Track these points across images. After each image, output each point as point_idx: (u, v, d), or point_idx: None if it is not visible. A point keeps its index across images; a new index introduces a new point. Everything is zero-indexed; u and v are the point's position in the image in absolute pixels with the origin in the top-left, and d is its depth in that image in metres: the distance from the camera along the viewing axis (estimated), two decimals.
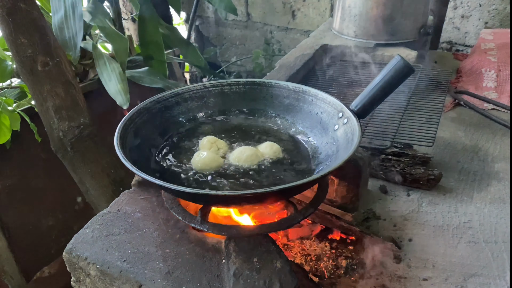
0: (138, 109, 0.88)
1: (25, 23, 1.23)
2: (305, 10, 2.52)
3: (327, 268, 0.86)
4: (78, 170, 1.40)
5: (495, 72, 1.49)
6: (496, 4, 2.01)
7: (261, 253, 0.72)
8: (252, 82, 1.00)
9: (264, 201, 0.76)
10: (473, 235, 0.92)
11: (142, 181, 0.96)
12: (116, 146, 0.74)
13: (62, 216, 1.66)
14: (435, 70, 1.50)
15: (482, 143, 1.23)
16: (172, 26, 2.07)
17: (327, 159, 0.84)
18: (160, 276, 0.74)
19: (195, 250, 0.79)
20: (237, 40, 2.85)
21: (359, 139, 0.76)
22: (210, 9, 2.81)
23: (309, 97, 0.95)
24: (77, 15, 1.39)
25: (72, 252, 0.81)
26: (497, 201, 1.01)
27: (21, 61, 1.26)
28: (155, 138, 0.90)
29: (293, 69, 1.44)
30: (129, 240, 0.82)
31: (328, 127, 0.89)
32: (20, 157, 1.52)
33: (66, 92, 1.32)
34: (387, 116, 1.23)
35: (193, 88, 0.99)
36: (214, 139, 0.89)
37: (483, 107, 1.38)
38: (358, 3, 1.54)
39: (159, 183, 0.68)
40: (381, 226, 0.96)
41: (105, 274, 0.77)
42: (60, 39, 1.37)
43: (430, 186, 1.05)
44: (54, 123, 1.32)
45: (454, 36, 2.18)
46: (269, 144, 0.88)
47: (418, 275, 0.83)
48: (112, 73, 1.44)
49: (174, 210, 0.80)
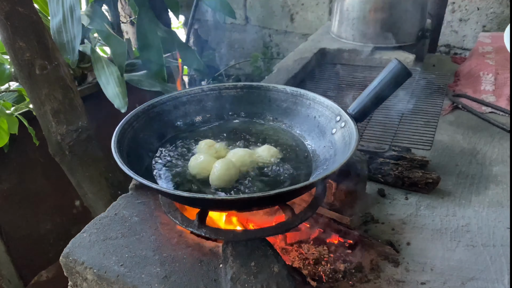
0: (135, 113, 0.87)
1: (23, 26, 1.23)
2: (304, 13, 2.52)
3: (325, 272, 0.86)
4: (76, 173, 1.39)
5: (493, 75, 1.49)
6: (494, 8, 2.01)
7: (259, 257, 0.72)
8: (250, 85, 1.01)
9: (261, 205, 0.76)
10: (471, 239, 0.92)
11: (139, 185, 0.96)
12: (114, 150, 0.74)
13: (60, 220, 1.66)
14: (433, 73, 1.51)
15: (480, 146, 1.23)
16: (171, 30, 2.07)
17: (325, 163, 0.84)
18: (157, 280, 0.74)
19: (192, 255, 0.79)
20: (235, 44, 2.86)
21: (357, 142, 0.76)
22: (209, 13, 2.81)
23: (307, 101, 0.95)
24: (75, 19, 1.39)
25: (69, 257, 0.80)
26: (495, 204, 1.01)
27: (19, 64, 1.26)
28: (152, 142, 0.90)
29: (292, 73, 1.44)
30: (126, 244, 0.82)
31: (325, 130, 0.89)
32: (18, 161, 1.52)
33: (64, 95, 1.32)
34: (385, 119, 1.23)
35: (191, 91, 0.99)
36: (212, 143, 0.88)
37: (481, 110, 1.39)
38: (356, 7, 1.55)
39: (156, 188, 0.68)
40: (379, 230, 0.96)
41: (102, 279, 0.77)
42: (58, 43, 1.37)
43: (428, 189, 1.05)
44: (52, 127, 1.32)
45: (452, 40, 2.18)
46: (266, 147, 0.87)
47: (416, 279, 0.82)
48: (110, 76, 1.44)
49: (171, 214, 0.80)
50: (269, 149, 0.87)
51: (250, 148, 0.89)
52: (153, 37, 1.70)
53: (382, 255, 0.87)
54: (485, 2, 2.02)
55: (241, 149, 0.86)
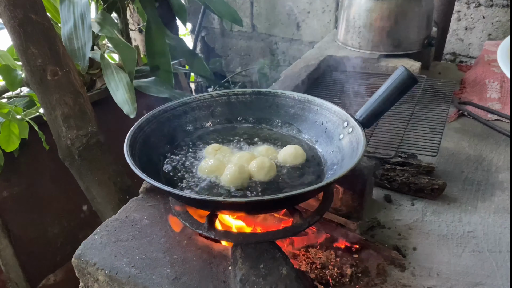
0: (147, 117, 0.89)
1: (36, 33, 1.26)
2: (310, 21, 2.54)
3: (332, 276, 0.87)
4: (85, 178, 1.41)
5: (498, 83, 1.50)
6: (500, 16, 2.03)
7: (267, 259, 0.73)
8: (258, 91, 1.02)
9: (270, 208, 0.77)
10: (477, 245, 0.92)
11: (150, 188, 0.98)
12: (126, 154, 0.76)
13: (67, 224, 1.67)
14: (439, 81, 1.52)
15: (486, 153, 1.23)
16: (178, 37, 2.10)
17: (332, 168, 0.85)
18: (167, 281, 0.75)
19: (202, 256, 0.80)
20: (242, 51, 2.88)
21: (364, 148, 0.77)
22: (216, 20, 2.84)
23: (315, 107, 0.96)
24: (86, 26, 1.42)
25: (81, 258, 0.82)
26: (501, 210, 1.02)
27: (31, 70, 1.28)
28: (163, 146, 0.91)
29: (298, 80, 1.46)
30: (137, 246, 0.83)
31: (333, 136, 0.90)
32: (28, 165, 1.54)
33: (74, 101, 1.34)
34: (391, 126, 1.24)
35: (201, 97, 1.00)
36: (218, 146, 0.90)
37: (486, 117, 1.39)
38: (363, 15, 1.56)
39: (168, 190, 0.69)
40: (386, 235, 0.96)
41: (114, 280, 0.78)
42: (69, 49, 1.39)
43: (434, 195, 1.06)
44: (62, 132, 1.34)
45: (458, 48, 2.20)
46: (265, 148, 0.90)
47: (422, 283, 0.83)
48: (119, 82, 1.46)
49: (181, 216, 0.81)
50: (267, 150, 0.89)
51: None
52: (161, 44, 1.73)
53: (389, 260, 0.88)
54: (490, 11, 2.04)
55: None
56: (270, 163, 0.84)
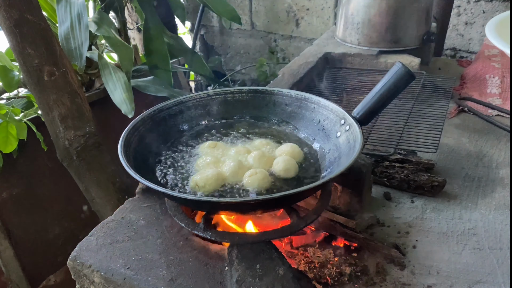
0: (141, 117, 0.89)
1: (32, 34, 1.25)
2: (309, 18, 2.53)
3: (331, 275, 0.86)
4: (83, 178, 1.41)
5: (499, 78, 1.49)
6: (500, 11, 2.01)
7: (264, 260, 0.72)
8: (255, 90, 1.01)
9: (266, 208, 0.76)
10: (478, 242, 0.91)
11: (146, 189, 0.97)
12: (120, 154, 0.75)
13: (68, 224, 1.67)
14: (438, 76, 1.50)
15: (487, 149, 1.22)
16: (177, 36, 2.10)
17: (330, 166, 0.84)
18: (163, 283, 0.75)
19: (198, 257, 0.79)
20: (241, 49, 2.87)
21: (361, 145, 0.76)
22: (215, 19, 2.83)
23: (311, 105, 0.95)
24: (83, 26, 1.41)
25: (76, 260, 0.81)
26: (502, 207, 1.01)
27: (28, 71, 1.28)
28: (158, 146, 0.91)
29: (297, 77, 1.45)
30: (133, 247, 0.83)
31: (330, 134, 0.90)
32: (26, 166, 1.54)
33: (72, 101, 1.33)
34: (390, 122, 1.23)
35: (196, 96, 1.00)
36: (214, 144, 0.90)
37: (487, 113, 1.38)
38: (361, 11, 1.55)
39: (163, 191, 0.69)
40: (385, 233, 0.95)
41: (109, 282, 0.78)
42: (66, 49, 1.39)
43: (434, 192, 1.04)
44: (60, 132, 1.33)
45: (458, 43, 2.18)
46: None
47: (422, 282, 0.82)
48: (117, 82, 1.45)
49: (177, 217, 0.81)
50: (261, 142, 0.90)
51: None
52: (159, 43, 1.72)
53: (388, 258, 0.87)
54: (490, 5, 2.02)
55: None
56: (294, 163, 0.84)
